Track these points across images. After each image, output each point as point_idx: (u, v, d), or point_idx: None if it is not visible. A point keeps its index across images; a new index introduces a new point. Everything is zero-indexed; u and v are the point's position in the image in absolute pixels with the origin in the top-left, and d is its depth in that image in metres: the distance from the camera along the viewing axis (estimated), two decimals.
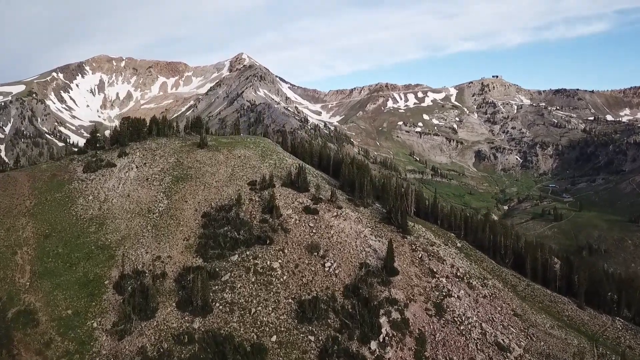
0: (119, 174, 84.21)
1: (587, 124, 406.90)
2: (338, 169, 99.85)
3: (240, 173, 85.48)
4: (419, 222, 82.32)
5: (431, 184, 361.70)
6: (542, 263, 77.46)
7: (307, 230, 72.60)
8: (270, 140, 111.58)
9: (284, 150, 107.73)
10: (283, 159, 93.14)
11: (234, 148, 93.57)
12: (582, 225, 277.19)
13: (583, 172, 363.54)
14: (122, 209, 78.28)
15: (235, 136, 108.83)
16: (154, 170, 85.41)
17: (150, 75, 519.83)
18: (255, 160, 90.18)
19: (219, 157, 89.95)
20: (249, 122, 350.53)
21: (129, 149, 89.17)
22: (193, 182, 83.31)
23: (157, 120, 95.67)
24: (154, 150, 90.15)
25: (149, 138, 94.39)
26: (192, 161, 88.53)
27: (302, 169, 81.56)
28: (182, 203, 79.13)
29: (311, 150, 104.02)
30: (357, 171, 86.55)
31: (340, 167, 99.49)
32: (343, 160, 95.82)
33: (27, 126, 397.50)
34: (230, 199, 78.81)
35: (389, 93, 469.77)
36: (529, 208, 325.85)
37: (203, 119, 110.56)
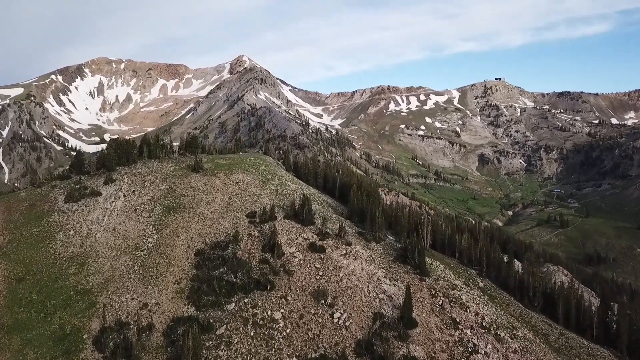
0: (104, 204, 75.36)
1: (592, 128, 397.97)
2: (345, 192, 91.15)
3: (238, 202, 76.61)
4: (435, 257, 73.61)
5: (434, 189, 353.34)
6: (576, 306, 68.91)
7: (313, 273, 63.86)
8: (271, 159, 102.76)
9: (286, 170, 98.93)
10: (285, 183, 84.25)
11: (232, 172, 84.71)
12: (589, 232, 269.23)
13: (588, 177, 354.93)
14: (106, 245, 69.51)
15: (234, 155, 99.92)
16: (143, 199, 76.57)
17: (150, 78, 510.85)
18: (255, 186, 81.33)
19: (215, 182, 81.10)
20: (249, 126, 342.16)
21: (116, 175, 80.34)
22: (186, 213, 74.49)
23: (148, 141, 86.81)
24: (144, 176, 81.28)
25: (140, 161, 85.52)
26: (185, 188, 79.70)
27: (307, 198, 72.69)
28: (173, 238, 70.33)
29: (315, 171, 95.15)
30: (366, 199, 77.69)
31: (346, 190, 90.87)
32: (350, 184, 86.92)
33: (25, 130, 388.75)
34: (227, 234, 69.99)
35: (390, 96, 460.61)
36: (534, 214, 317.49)
37: (198, 135, 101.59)
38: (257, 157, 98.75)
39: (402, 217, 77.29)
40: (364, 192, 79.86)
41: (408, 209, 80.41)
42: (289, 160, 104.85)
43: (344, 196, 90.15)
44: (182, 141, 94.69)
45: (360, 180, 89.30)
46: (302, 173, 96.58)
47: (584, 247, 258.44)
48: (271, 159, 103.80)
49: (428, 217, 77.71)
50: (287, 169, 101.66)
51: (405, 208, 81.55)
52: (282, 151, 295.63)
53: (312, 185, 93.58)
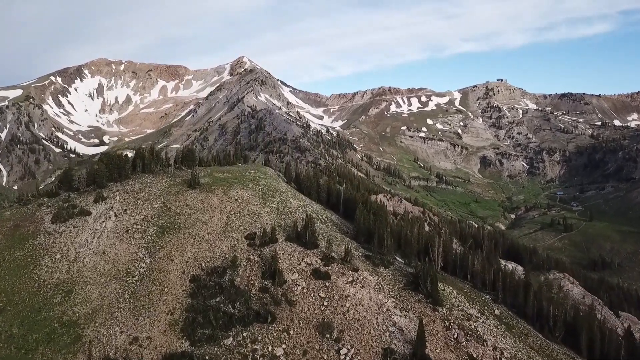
0: (93, 224, 70.11)
1: (595, 130, 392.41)
2: (349, 207, 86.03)
3: (236, 222, 71.36)
4: (447, 281, 68.43)
5: (436, 191, 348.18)
6: (600, 336, 63.76)
7: (317, 303, 58.67)
8: (272, 172, 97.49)
9: (288, 183, 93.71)
10: (287, 200, 78.98)
11: (230, 188, 79.46)
12: (593, 236, 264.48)
13: (591, 180, 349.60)
14: (95, 270, 64.30)
15: (232, 168, 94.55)
16: (135, 219, 71.30)
17: (149, 79, 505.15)
18: (255, 203, 76.08)
19: (212, 200, 75.85)
20: (249, 128, 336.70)
21: (107, 192, 75.09)
22: (181, 234, 69.25)
23: (142, 154, 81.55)
24: (137, 193, 76.01)
25: (133, 176, 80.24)
26: (181, 206, 74.45)
27: (310, 218, 67.42)
28: (167, 262, 65.13)
29: (318, 185, 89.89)
30: (373, 217, 72.45)
31: (350, 204, 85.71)
32: (355, 199, 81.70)
33: (24, 132, 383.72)
34: (225, 258, 64.79)
35: (391, 97, 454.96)
36: (537, 217, 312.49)
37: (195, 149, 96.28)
38: (257, 169, 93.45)
39: (411, 237, 72.01)
40: (371, 210, 74.59)
41: (417, 228, 75.07)
42: (290, 171, 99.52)
43: (349, 211, 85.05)
44: (178, 154, 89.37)
45: (366, 197, 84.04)
46: (304, 186, 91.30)
47: (589, 252, 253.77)
48: (272, 171, 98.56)
49: (439, 236, 72.43)
50: (289, 180, 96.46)
51: (414, 226, 76.22)
52: (283, 154, 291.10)
53: (315, 200, 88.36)
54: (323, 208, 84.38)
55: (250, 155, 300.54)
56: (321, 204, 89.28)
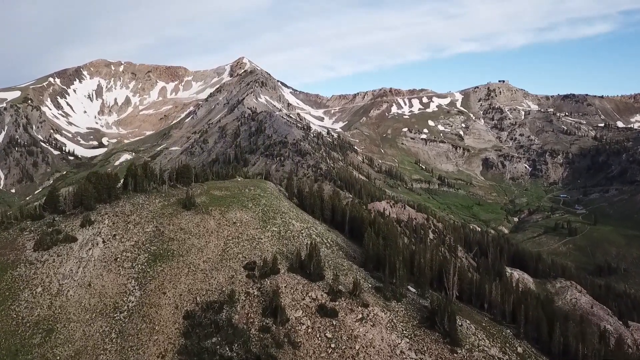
0: (79, 252, 63.97)
1: (598, 131, 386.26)
2: (355, 227, 79.96)
3: (234, 249, 65.25)
4: (464, 312, 62.46)
5: (438, 194, 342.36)
6: None
7: (324, 345, 52.67)
8: (272, 187, 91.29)
9: (289, 199, 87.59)
10: (289, 222, 72.81)
11: (228, 209, 73.32)
12: (598, 240, 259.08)
13: (595, 182, 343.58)
14: (79, 305, 58.24)
15: (231, 184, 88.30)
16: (125, 246, 65.18)
17: (149, 80, 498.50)
18: (255, 226, 69.95)
19: (208, 223, 69.72)
20: (249, 131, 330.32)
21: (95, 215, 68.90)
22: (175, 263, 63.15)
23: (134, 172, 75.42)
24: (127, 216, 69.85)
25: (124, 196, 74.08)
26: (175, 230, 68.32)
27: (315, 247, 61.33)
28: (159, 295, 59.07)
29: (322, 202, 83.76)
30: (383, 243, 66.34)
31: (356, 224, 79.62)
32: (361, 218, 75.61)
33: (22, 134, 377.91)
34: (222, 291, 58.72)
35: (392, 98, 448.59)
36: (540, 220, 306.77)
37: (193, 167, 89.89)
38: (257, 185, 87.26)
39: (424, 264, 65.92)
40: (380, 234, 68.49)
41: (431, 254, 68.98)
42: (292, 186, 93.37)
43: (355, 231, 79.00)
44: (173, 170, 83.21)
45: (374, 217, 77.85)
46: (307, 204, 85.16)
47: (594, 257, 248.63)
48: (272, 186, 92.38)
49: (454, 264, 66.34)
50: (290, 196, 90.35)
51: (427, 251, 70.14)
52: (283, 158, 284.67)
53: (319, 218, 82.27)
54: (328, 229, 78.21)
55: (250, 158, 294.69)
56: (325, 222, 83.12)
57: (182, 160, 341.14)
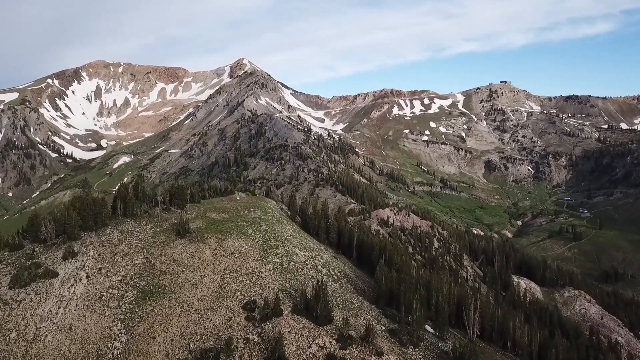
0: (60, 289, 57.15)
1: (601, 133, 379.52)
2: (364, 253, 73.20)
3: (232, 285, 58.45)
4: (486, 354, 55.93)
5: (440, 197, 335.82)
6: None
7: None
8: (274, 206, 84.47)
9: (292, 220, 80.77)
10: (292, 251, 66.00)
11: (226, 236, 66.48)
12: (604, 245, 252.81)
13: (599, 185, 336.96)
14: (58, 353, 51.43)
15: (229, 204, 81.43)
16: (111, 281, 58.34)
17: (148, 81, 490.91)
18: (255, 257, 63.13)
19: (204, 253, 62.90)
20: (249, 134, 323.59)
21: (79, 245, 62.01)
22: (166, 301, 56.36)
23: (124, 195, 68.54)
24: (115, 245, 62.99)
25: (112, 222, 67.21)
26: (167, 261, 61.51)
27: (321, 286, 54.52)
28: (147, 341, 52.32)
29: (327, 224, 76.96)
30: (396, 275, 59.56)
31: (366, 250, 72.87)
32: (371, 243, 68.81)
33: (19, 136, 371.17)
34: (218, 337, 51.98)
35: (394, 99, 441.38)
36: (544, 224, 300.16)
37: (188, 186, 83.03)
38: (257, 205, 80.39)
39: (442, 299, 59.20)
40: (393, 265, 61.71)
41: (449, 287, 62.21)
42: (294, 205, 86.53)
43: (363, 257, 72.21)
44: (166, 192, 76.29)
45: (384, 242, 71.01)
46: (310, 225, 78.38)
47: (600, 262, 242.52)
48: (274, 205, 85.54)
49: (475, 299, 59.63)
50: (293, 215, 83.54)
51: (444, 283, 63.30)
52: (284, 162, 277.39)
53: (324, 241, 75.53)
54: (334, 255, 71.37)
55: (250, 162, 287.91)
56: (331, 245, 76.37)
57: (182, 163, 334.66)
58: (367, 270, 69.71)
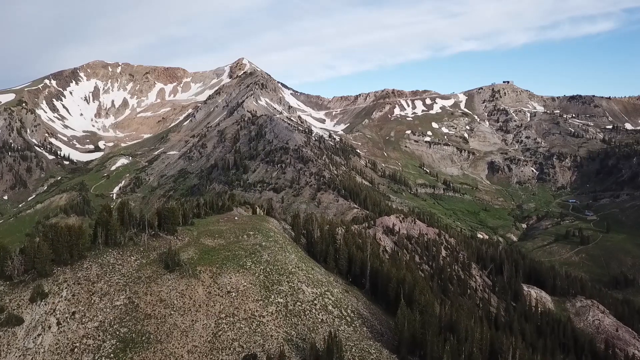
0: (25, 340, 47.88)
1: (606, 134, 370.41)
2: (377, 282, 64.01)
3: (229, 333, 49.23)
4: None
5: (444, 199, 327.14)
6: None
7: None
8: (276, 226, 75.26)
9: (296, 243, 71.49)
10: (298, 287, 56.74)
11: (222, 270, 57.20)
12: (612, 250, 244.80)
13: (605, 187, 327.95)
14: None
15: (225, 225, 72.13)
16: (87, 329, 49.10)
17: (147, 82, 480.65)
18: (255, 297, 53.88)
19: (196, 292, 53.67)
20: (249, 136, 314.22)
21: (50, 284, 52.73)
22: (150, 353, 47.18)
23: (106, 221, 59.30)
24: (92, 283, 53.73)
25: (91, 253, 57.98)
26: (153, 302, 52.30)
27: (335, 339, 45.26)
28: None
29: (336, 249, 67.75)
30: (420, 317, 50.36)
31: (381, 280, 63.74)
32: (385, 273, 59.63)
33: (16, 138, 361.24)
34: None
35: (395, 100, 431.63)
36: (550, 227, 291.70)
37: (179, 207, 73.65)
38: (257, 226, 71.09)
39: (474, 344, 50.05)
40: (414, 304, 52.52)
41: (480, 331, 53.09)
42: (298, 225, 77.25)
43: (378, 289, 62.98)
44: (154, 215, 66.86)
45: (403, 274, 61.74)
46: (317, 250, 69.21)
47: (608, 268, 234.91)
48: (275, 226, 76.29)
49: (511, 347, 50.56)
50: (297, 237, 74.26)
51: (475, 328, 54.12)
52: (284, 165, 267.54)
53: (333, 269, 66.28)
54: (345, 288, 62.13)
55: (250, 165, 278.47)
56: (340, 273, 67.11)
57: (180, 165, 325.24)
58: (383, 304, 60.77)
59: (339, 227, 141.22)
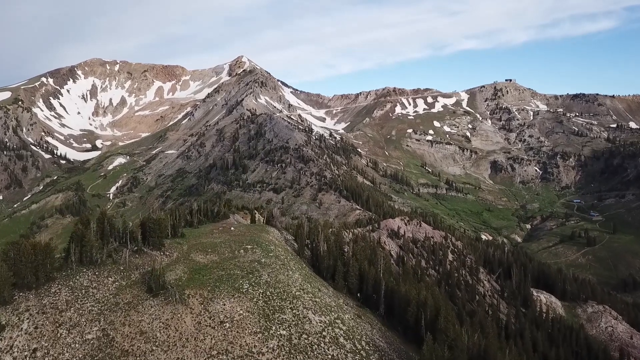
0: None
1: (610, 132, 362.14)
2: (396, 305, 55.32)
3: None
4: None
5: (446, 199, 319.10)
6: None
7: None
8: (277, 237, 66.48)
9: (299, 257, 62.71)
10: (304, 317, 47.87)
11: (214, 294, 48.38)
12: (619, 251, 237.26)
13: (610, 187, 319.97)
14: None
15: (221, 235, 63.31)
16: None
17: (145, 80, 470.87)
18: (253, 329, 45.05)
19: (183, 322, 44.88)
20: (249, 134, 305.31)
21: (10, 313, 43.78)
22: None
23: (81, 236, 50.51)
24: (60, 312, 44.85)
25: (62, 274, 49.17)
26: (132, 334, 43.48)
27: None
28: None
29: (345, 265, 59.00)
30: (449, 354, 41.63)
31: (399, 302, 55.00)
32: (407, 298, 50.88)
33: (11, 137, 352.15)
34: None
35: (396, 98, 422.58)
36: (555, 228, 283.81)
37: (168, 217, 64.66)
38: (256, 239, 62.31)
39: None
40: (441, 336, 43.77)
41: None
42: (302, 236, 68.47)
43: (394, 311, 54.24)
44: (137, 227, 57.94)
45: (425, 297, 52.78)
46: (323, 266, 60.42)
47: (616, 270, 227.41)
48: (276, 236, 67.49)
49: None
50: (300, 250, 65.52)
51: None
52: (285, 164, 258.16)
53: (342, 288, 57.53)
54: (357, 313, 53.33)
55: (250, 164, 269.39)
56: (350, 292, 58.31)
57: (179, 164, 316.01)
58: (400, 328, 51.84)
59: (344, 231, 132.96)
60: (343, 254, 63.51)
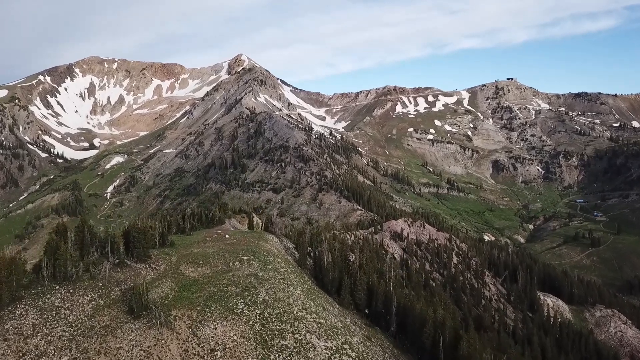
0: None
1: (613, 132, 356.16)
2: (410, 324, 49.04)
3: None
4: None
5: (448, 199, 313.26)
6: None
7: None
8: (276, 246, 60.20)
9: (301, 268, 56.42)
10: (307, 342, 41.45)
11: (204, 315, 41.97)
12: (624, 252, 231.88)
13: (614, 186, 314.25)
14: None
15: (214, 245, 56.86)
16: None
17: (144, 78, 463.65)
18: (248, 358, 38.72)
19: (167, 350, 38.52)
20: (248, 133, 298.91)
21: None
22: None
23: (55, 247, 44.24)
24: (25, 338, 38.47)
25: (31, 293, 42.83)
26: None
27: None
28: None
29: (352, 278, 52.70)
30: None
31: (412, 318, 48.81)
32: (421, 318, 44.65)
33: (8, 135, 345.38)
34: None
35: (397, 97, 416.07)
36: (558, 228, 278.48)
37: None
38: (253, 249, 55.97)
39: None
40: None
41: None
42: (304, 244, 62.15)
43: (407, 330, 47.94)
44: (119, 238, 51.51)
45: (442, 318, 46.54)
46: (327, 279, 54.12)
47: (621, 271, 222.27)
48: (276, 245, 61.18)
49: None
50: (302, 260, 59.23)
51: None
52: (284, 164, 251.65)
53: (349, 305, 51.28)
54: (366, 336, 46.94)
55: (249, 164, 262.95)
56: (357, 308, 51.99)
57: (177, 163, 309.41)
58: (413, 350, 45.44)
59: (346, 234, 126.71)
60: (349, 265, 57.23)
